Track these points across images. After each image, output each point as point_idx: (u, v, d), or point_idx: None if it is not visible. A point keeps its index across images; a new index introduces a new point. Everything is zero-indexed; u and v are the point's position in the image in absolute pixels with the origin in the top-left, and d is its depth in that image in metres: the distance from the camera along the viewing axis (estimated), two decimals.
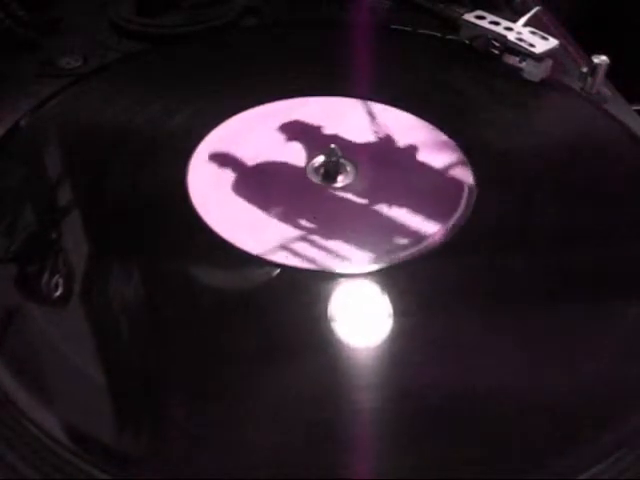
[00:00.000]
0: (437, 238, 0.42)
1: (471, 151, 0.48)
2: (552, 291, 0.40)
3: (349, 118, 0.52)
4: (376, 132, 0.51)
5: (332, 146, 0.46)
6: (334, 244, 0.42)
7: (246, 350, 0.36)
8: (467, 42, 0.59)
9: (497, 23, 0.58)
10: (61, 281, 0.39)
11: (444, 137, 0.50)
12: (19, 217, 0.43)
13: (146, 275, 0.41)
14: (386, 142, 0.50)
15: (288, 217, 0.43)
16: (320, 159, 0.47)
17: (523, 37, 0.56)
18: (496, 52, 0.57)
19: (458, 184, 0.46)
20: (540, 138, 0.51)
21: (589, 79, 0.55)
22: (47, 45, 0.60)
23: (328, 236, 0.42)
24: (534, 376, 0.35)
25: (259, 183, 0.46)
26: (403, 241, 0.42)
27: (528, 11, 0.59)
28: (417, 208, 0.44)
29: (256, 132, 0.50)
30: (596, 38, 0.58)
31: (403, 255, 0.41)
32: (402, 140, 0.50)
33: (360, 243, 0.42)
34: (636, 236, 0.44)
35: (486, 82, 0.56)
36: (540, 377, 0.35)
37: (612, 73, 0.55)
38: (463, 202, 0.45)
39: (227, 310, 0.38)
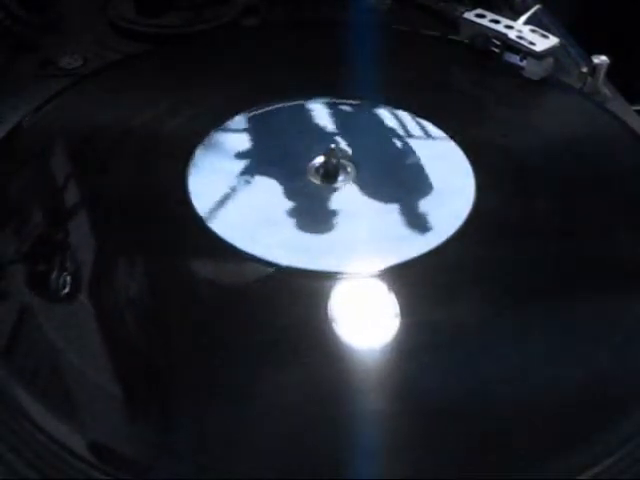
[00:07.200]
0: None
1: (471, 150, 0.48)
2: (552, 290, 0.40)
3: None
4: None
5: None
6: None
7: (247, 351, 0.36)
8: (467, 41, 0.59)
9: (497, 21, 0.58)
10: (67, 281, 0.39)
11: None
12: (21, 217, 0.43)
13: (145, 275, 0.41)
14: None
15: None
16: (320, 159, 0.47)
17: (523, 35, 0.56)
18: (496, 51, 0.57)
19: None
20: (541, 137, 0.51)
21: (589, 79, 0.55)
22: (47, 45, 0.60)
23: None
24: (534, 375, 0.35)
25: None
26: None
27: (528, 10, 0.59)
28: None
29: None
30: (596, 38, 0.57)
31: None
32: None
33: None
34: (636, 234, 0.44)
35: (486, 81, 0.56)
36: (540, 376, 0.35)
37: (612, 73, 0.55)
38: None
39: (228, 310, 0.38)
